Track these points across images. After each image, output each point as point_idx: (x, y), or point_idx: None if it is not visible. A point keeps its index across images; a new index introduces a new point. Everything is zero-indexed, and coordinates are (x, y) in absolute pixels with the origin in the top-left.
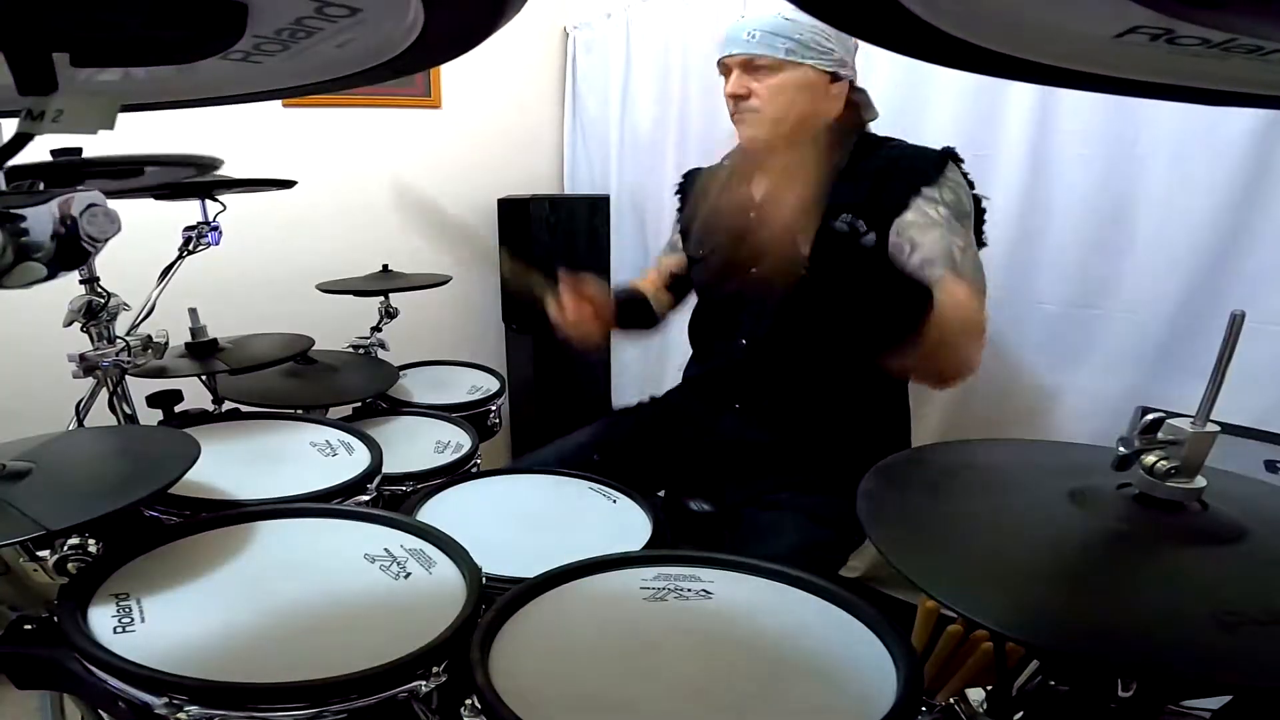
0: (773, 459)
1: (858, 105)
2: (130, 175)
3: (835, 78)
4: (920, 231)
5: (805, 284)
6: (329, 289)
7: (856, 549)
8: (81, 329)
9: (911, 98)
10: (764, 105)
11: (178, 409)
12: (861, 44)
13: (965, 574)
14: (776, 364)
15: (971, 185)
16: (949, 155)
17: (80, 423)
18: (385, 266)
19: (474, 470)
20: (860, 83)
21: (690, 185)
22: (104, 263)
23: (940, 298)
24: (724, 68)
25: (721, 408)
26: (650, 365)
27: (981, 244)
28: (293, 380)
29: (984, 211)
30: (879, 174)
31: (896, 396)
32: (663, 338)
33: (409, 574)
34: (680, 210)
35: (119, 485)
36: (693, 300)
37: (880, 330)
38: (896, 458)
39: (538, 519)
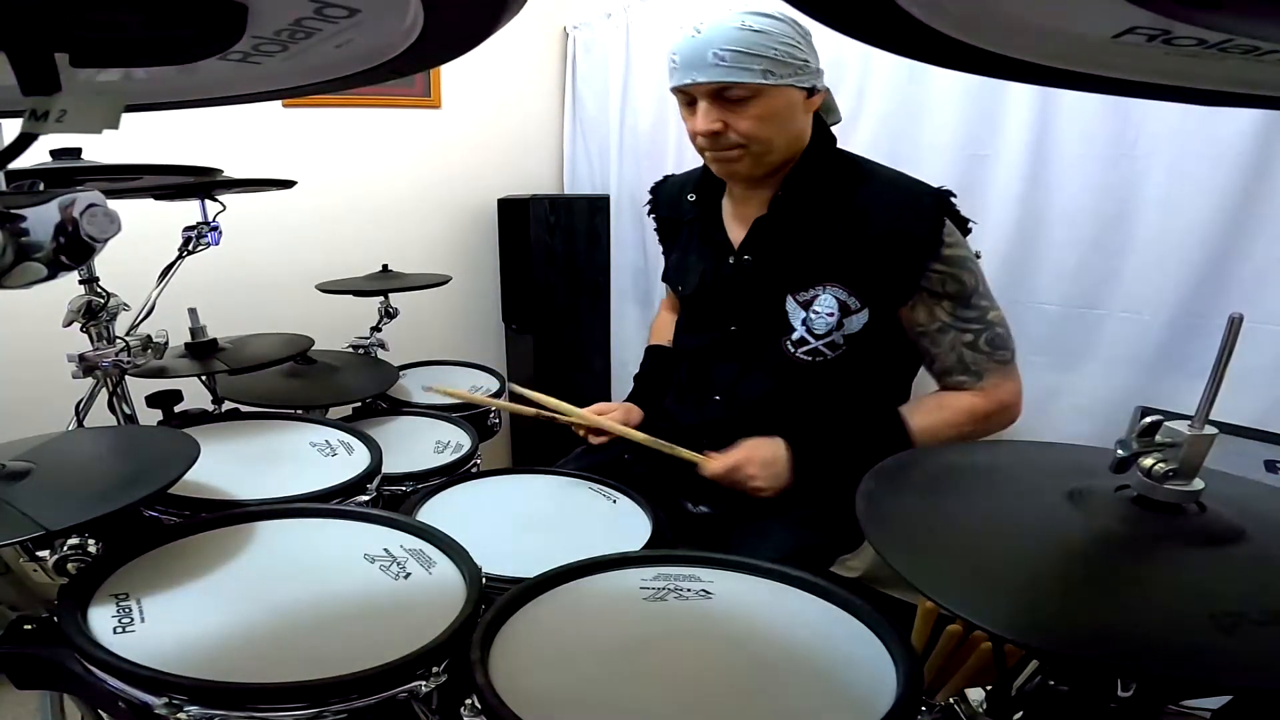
0: None
1: (821, 112)
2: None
3: (813, 91)
4: (933, 341)
5: (789, 355)
6: (329, 289)
7: (847, 552)
8: (81, 329)
9: (911, 99)
10: (748, 140)
11: (177, 409)
12: (861, 45)
13: (964, 575)
14: (750, 421)
15: (957, 211)
16: (943, 208)
17: (80, 423)
18: (385, 266)
19: (474, 470)
20: (856, 85)
21: (660, 199)
22: (104, 263)
23: (961, 417)
24: (685, 95)
25: (695, 445)
26: None
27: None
28: (293, 380)
29: (969, 232)
30: (874, 240)
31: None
32: None
33: (409, 574)
34: (657, 229)
35: (119, 485)
36: None
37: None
38: (896, 458)
39: (538, 519)
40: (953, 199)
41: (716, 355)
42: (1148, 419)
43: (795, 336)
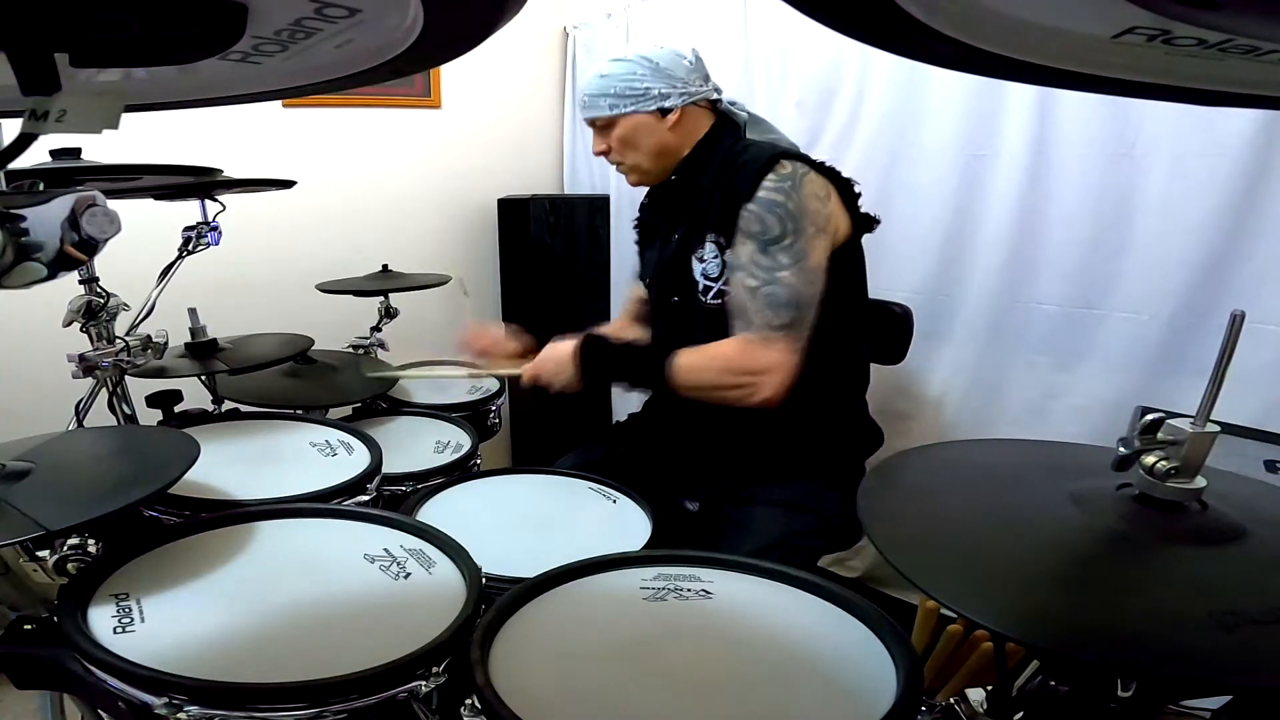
0: (735, 462)
1: (723, 114)
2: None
3: (664, 111)
4: (729, 280)
5: (704, 305)
6: (329, 289)
7: (836, 532)
8: (81, 329)
9: (911, 99)
10: (620, 157)
11: (177, 409)
12: (861, 45)
13: (965, 574)
14: None
15: (831, 171)
16: (775, 159)
17: (80, 423)
18: (385, 266)
19: (474, 470)
20: (856, 85)
21: (639, 219)
22: (104, 263)
23: (715, 362)
24: None
25: (678, 423)
26: None
27: (870, 224)
28: (293, 380)
29: (858, 196)
30: (721, 191)
31: (846, 383)
32: None
33: (409, 574)
34: (637, 242)
35: (119, 485)
36: None
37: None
38: (896, 457)
39: (538, 519)
40: (800, 157)
41: (670, 330)
42: (1150, 417)
43: (700, 287)
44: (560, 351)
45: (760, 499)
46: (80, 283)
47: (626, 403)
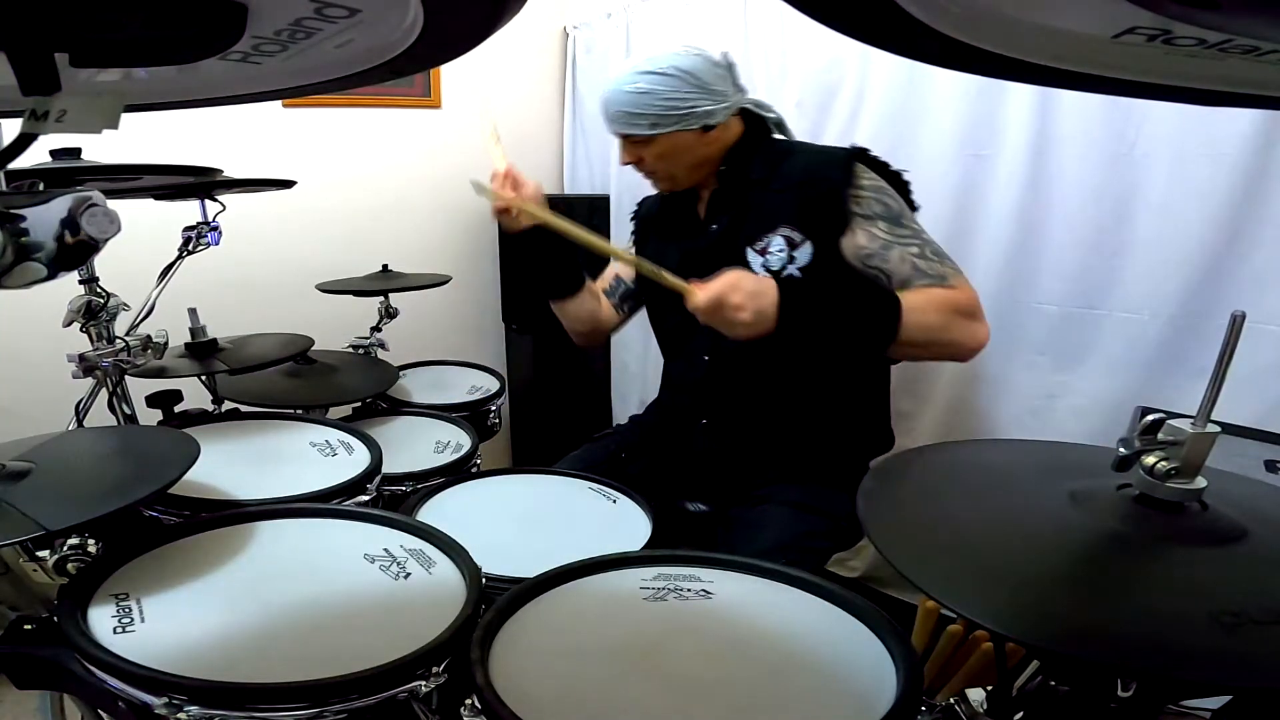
0: (748, 464)
1: (756, 117)
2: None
3: (707, 128)
4: (881, 259)
5: None
6: (329, 289)
7: (845, 534)
8: (81, 329)
9: (911, 100)
10: (655, 170)
11: (177, 409)
12: (861, 45)
13: (965, 574)
14: (740, 376)
15: (886, 166)
16: (854, 155)
17: (80, 423)
18: (385, 266)
19: (474, 470)
20: (856, 86)
21: (642, 210)
22: (104, 263)
23: (938, 301)
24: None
25: (691, 424)
26: (650, 366)
27: (913, 208)
28: (293, 380)
29: (907, 184)
30: (799, 186)
31: (872, 384)
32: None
33: (409, 574)
34: (634, 234)
35: (119, 485)
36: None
37: (856, 337)
38: (896, 457)
39: (538, 519)
40: (868, 151)
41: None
42: (1150, 417)
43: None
44: (758, 285)
45: (773, 499)
46: (80, 283)
47: (626, 405)
